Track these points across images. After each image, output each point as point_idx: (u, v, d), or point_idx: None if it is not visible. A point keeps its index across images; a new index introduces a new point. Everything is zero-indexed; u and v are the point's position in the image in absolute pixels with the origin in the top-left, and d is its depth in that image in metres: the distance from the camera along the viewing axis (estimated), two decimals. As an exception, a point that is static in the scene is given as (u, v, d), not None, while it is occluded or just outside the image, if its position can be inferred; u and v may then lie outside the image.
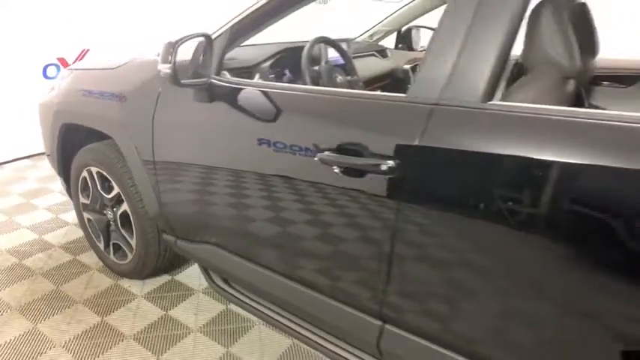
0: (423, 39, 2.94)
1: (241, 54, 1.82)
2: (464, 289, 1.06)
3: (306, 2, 1.43)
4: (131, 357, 1.69)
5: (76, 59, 3.83)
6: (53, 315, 1.90)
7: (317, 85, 1.74)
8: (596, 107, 2.19)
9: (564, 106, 0.97)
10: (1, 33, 3.38)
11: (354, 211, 1.19)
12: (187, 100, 1.53)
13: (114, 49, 3.59)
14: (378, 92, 1.24)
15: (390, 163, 1.08)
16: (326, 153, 1.18)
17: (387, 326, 1.25)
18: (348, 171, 1.16)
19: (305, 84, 1.70)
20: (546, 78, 1.18)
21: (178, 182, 1.66)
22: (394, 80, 2.66)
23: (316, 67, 1.78)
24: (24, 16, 3.46)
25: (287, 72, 1.91)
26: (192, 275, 2.19)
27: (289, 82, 1.87)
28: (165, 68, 1.32)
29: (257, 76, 1.79)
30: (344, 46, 2.13)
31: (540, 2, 1.23)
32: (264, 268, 1.51)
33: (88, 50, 3.91)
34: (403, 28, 2.84)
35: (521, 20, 1.01)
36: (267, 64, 1.84)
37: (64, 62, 3.78)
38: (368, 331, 1.29)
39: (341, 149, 1.17)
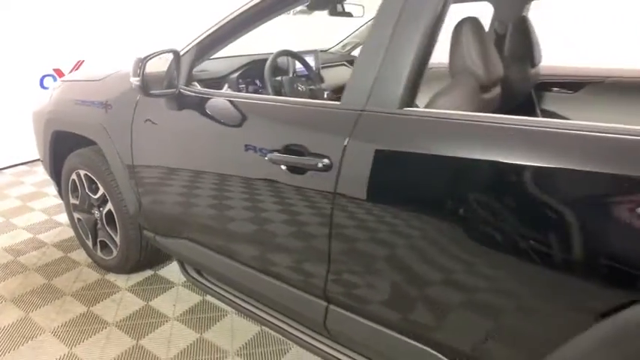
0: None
1: (214, 66, 2.01)
2: (394, 270, 1.22)
3: (264, 21, 1.62)
4: (113, 341, 1.86)
5: (72, 70, 4.03)
6: (44, 305, 2.07)
7: (279, 94, 1.91)
8: (547, 112, 2.36)
9: (484, 111, 1.15)
10: (1, 44, 3.59)
11: (299, 203, 1.36)
12: (161, 109, 1.72)
13: (108, 60, 3.79)
14: (319, 100, 1.41)
15: (326, 161, 1.25)
16: (275, 154, 1.36)
17: (331, 306, 1.42)
18: (293, 169, 1.34)
19: (268, 93, 1.88)
20: (464, 86, 1.35)
21: (155, 183, 1.83)
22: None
23: (279, 78, 1.96)
24: (22, 28, 3.67)
25: (256, 82, 2.09)
26: (173, 270, 2.36)
27: (255, 91, 2.05)
28: (135, 81, 1.50)
29: (226, 86, 1.97)
30: (311, 57, 2.31)
31: (461, 20, 1.40)
32: (229, 259, 1.68)
33: (83, 61, 4.12)
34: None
35: (434, 37, 1.18)
36: (235, 75, 2.02)
37: (59, 73, 3.98)
38: (316, 311, 1.46)
39: (287, 150, 1.34)
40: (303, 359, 1.78)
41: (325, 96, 2.24)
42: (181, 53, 1.63)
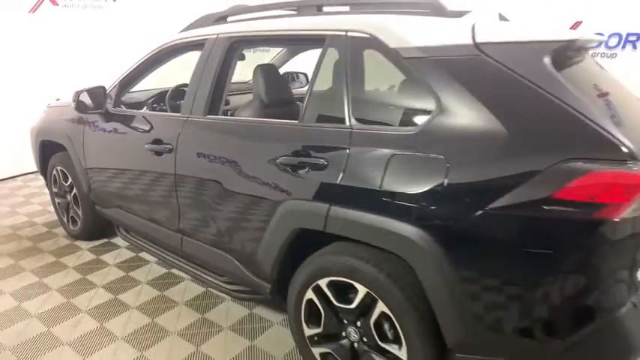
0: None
1: (139, 95, 3.02)
2: (205, 212, 2.13)
3: (161, 64, 2.60)
4: (71, 276, 2.80)
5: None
6: (30, 257, 3.06)
7: (177, 112, 2.88)
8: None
9: (262, 117, 2.06)
10: (16, 81, 4.71)
11: (162, 175, 2.30)
12: (99, 123, 2.71)
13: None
14: (177, 113, 2.35)
15: (170, 146, 2.21)
16: (149, 144, 2.32)
17: (184, 237, 2.34)
18: (157, 153, 2.29)
19: (167, 111, 2.85)
20: (254, 102, 2.26)
21: (97, 174, 2.81)
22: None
23: (178, 102, 2.92)
24: (31, 66, 4.78)
25: (162, 104, 3.05)
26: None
27: (161, 110, 3.00)
28: (72, 104, 2.51)
29: (145, 107, 2.96)
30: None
31: (259, 65, 2.32)
32: (136, 216, 2.63)
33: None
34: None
35: (222, 77, 2.12)
36: (151, 100, 3.02)
37: (62, 102, 5.09)
38: (176, 241, 2.38)
39: (154, 141, 2.30)
40: None
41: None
42: (107, 87, 2.63)
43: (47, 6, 4.78)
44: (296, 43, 2.53)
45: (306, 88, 2.72)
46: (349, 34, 1.69)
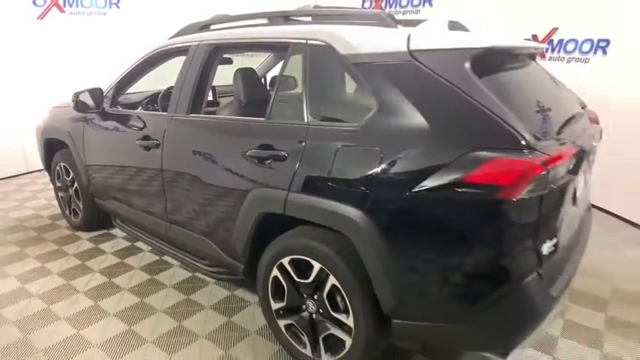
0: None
1: (136, 97, 3.28)
2: (195, 203, 2.37)
3: (154, 67, 2.86)
4: (73, 268, 3.07)
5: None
6: (34, 245, 3.32)
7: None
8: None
9: (239, 115, 2.30)
10: (26, 83, 5.01)
11: (151, 169, 2.55)
12: (97, 121, 2.97)
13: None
14: (161, 112, 2.60)
15: (157, 142, 2.46)
16: (139, 140, 2.57)
17: (170, 225, 2.59)
18: (146, 149, 2.54)
19: (158, 111, 3.10)
20: (234, 103, 2.50)
21: (95, 169, 3.08)
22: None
23: (168, 102, 3.17)
24: (40, 69, 5.07)
25: (155, 104, 3.30)
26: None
27: (154, 110, 3.25)
28: (72, 104, 2.77)
29: (140, 107, 3.22)
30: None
31: (239, 68, 2.56)
32: (130, 207, 2.89)
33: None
34: (269, 77, 4.19)
35: (203, 80, 2.37)
36: (145, 101, 3.28)
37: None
38: (163, 228, 2.63)
39: (144, 138, 2.55)
40: None
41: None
42: (105, 89, 2.89)
43: (54, 13, 5.09)
44: (266, 49, 2.74)
45: (294, 90, 2.96)
46: (309, 41, 1.93)
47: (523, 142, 1.42)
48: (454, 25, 2.12)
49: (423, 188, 1.50)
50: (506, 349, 1.61)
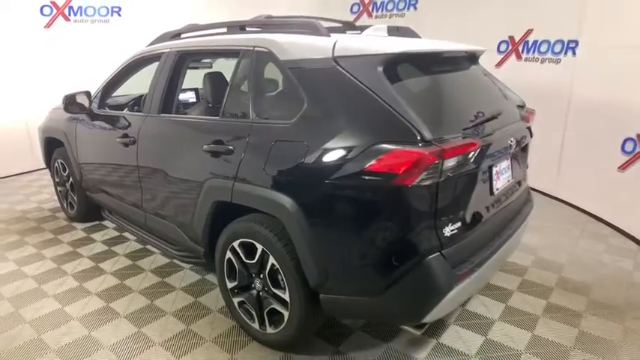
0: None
1: (123, 99, 3.58)
2: (164, 193, 2.63)
3: (134, 72, 3.14)
4: (65, 254, 3.38)
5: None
6: (33, 234, 3.66)
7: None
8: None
9: (208, 115, 2.56)
10: (33, 87, 5.38)
11: (129, 164, 2.83)
12: (86, 121, 3.28)
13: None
14: (139, 113, 2.87)
15: (133, 139, 2.73)
16: (119, 138, 2.85)
17: (147, 214, 2.86)
18: (125, 145, 2.82)
19: (139, 112, 3.38)
20: (203, 103, 2.76)
21: (86, 164, 3.38)
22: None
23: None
24: (47, 74, 5.45)
25: (137, 106, 3.58)
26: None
27: (138, 110, 3.54)
28: (62, 106, 3.07)
29: (126, 109, 3.51)
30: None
31: (205, 73, 2.81)
32: (114, 198, 3.18)
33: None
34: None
35: (172, 83, 2.64)
36: (131, 102, 3.57)
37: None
38: (142, 217, 2.91)
39: (123, 136, 2.83)
40: None
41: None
42: (92, 93, 3.19)
43: (60, 22, 5.46)
44: (223, 56, 2.90)
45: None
46: (255, 48, 2.17)
47: (418, 137, 1.63)
48: (393, 31, 2.34)
49: (338, 176, 1.73)
50: (413, 321, 1.83)
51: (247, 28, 2.44)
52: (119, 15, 5.86)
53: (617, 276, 2.96)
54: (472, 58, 2.44)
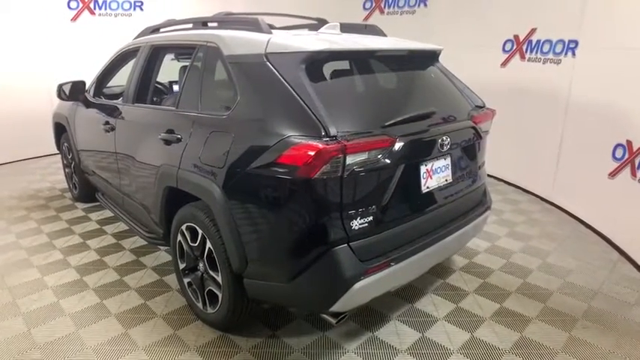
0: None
1: (118, 89, 3.82)
2: (134, 177, 2.83)
3: (122, 64, 3.37)
4: (60, 230, 3.68)
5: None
6: (39, 211, 4.00)
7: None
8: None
9: None
10: (59, 77, 5.80)
11: (110, 149, 3.05)
12: (82, 108, 3.55)
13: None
14: (117, 102, 3.09)
15: (113, 125, 2.95)
16: (103, 125, 3.08)
17: (124, 196, 3.08)
18: (107, 131, 3.04)
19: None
20: (176, 94, 2.92)
21: (82, 148, 3.66)
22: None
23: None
24: (73, 65, 5.86)
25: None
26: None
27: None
28: (56, 94, 3.34)
29: (121, 98, 3.75)
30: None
31: (181, 66, 2.97)
32: (102, 180, 3.42)
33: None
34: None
35: (147, 74, 2.82)
36: (121, 92, 3.80)
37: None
38: (120, 199, 3.13)
39: (105, 123, 3.05)
40: None
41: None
42: (87, 83, 3.45)
43: (86, 15, 5.86)
44: (185, 49, 2.86)
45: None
46: (208, 44, 2.30)
47: (323, 132, 1.69)
48: (346, 28, 2.40)
49: (255, 167, 1.82)
50: (321, 309, 1.89)
51: (209, 24, 2.57)
52: (141, 9, 6.20)
53: (588, 283, 2.86)
54: (428, 56, 2.44)
